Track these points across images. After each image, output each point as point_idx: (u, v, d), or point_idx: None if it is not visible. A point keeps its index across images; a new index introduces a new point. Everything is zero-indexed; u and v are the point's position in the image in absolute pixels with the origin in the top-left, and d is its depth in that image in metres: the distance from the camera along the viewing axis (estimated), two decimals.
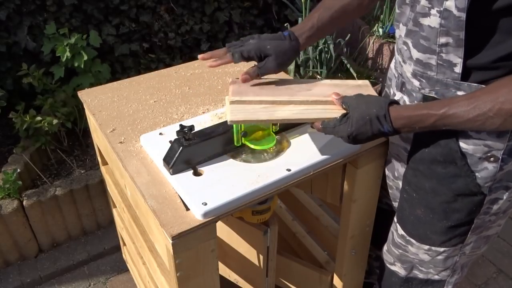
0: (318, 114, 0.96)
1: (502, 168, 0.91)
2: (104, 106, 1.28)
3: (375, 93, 1.02)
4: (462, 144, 0.91)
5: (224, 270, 1.43)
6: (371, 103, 0.89)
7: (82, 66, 2.06)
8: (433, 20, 0.85)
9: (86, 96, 1.33)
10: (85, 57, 2.07)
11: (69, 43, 2.03)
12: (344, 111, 0.93)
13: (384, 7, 2.85)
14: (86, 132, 2.18)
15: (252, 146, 1.02)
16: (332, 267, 1.45)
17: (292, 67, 2.61)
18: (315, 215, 1.52)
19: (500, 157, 0.90)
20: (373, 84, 2.74)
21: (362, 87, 1.06)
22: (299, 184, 1.03)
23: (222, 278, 1.19)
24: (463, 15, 0.80)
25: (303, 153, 1.04)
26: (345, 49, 2.83)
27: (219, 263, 1.23)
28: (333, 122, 0.92)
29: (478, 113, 0.80)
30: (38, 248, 1.97)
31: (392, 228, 1.16)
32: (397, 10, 0.97)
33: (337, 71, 2.78)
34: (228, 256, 1.39)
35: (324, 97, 0.98)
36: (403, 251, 1.12)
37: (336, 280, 1.38)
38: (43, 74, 2.07)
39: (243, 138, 1.03)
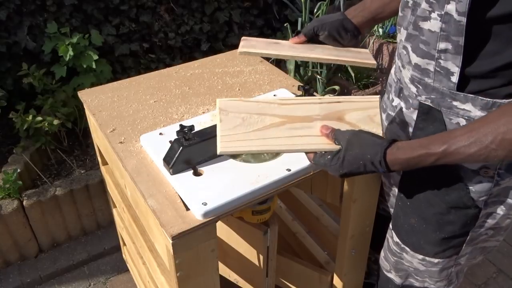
0: (310, 146, 0.89)
1: (498, 184, 0.90)
2: (104, 106, 1.28)
3: (373, 62, 1.05)
4: None
5: (224, 270, 1.43)
6: (366, 147, 0.84)
7: (94, 66, 2.06)
8: (433, 24, 0.84)
9: (86, 96, 1.33)
10: (96, 57, 2.07)
11: (71, 42, 2.03)
12: (336, 147, 0.88)
13: None
14: (86, 132, 2.18)
15: None
16: (332, 267, 1.45)
17: (292, 67, 2.61)
18: (315, 215, 1.52)
19: (496, 172, 0.88)
20: (373, 84, 2.74)
21: (362, 53, 1.10)
22: (299, 184, 1.03)
23: (222, 278, 1.19)
24: (464, 20, 0.79)
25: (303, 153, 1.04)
26: None
27: (219, 263, 1.23)
28: (323, 159, 0.88)
29: (479, 147, 0.75)
30: (38, 248, 1.97)
31: (388, 235, 1.16)
32: (399, 14, 0.97)
33: (337, 71, 2.79)
34: (228, 256, 1.39)
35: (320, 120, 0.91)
36: (399, 258, 1.12)
37: (336, 280, 1.38)
38: (43, 74, 2.07)
39: None
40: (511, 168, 0.88)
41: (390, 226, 1.13)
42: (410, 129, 0.98)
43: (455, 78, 0.85)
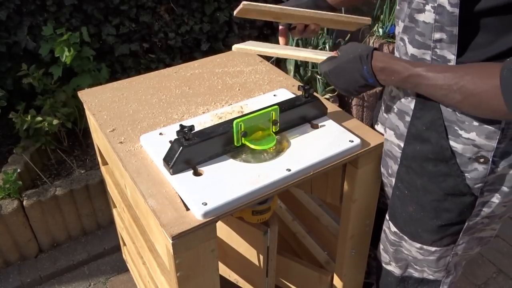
0: (312, 55, 1.08)
1: (494, 171, 0.91)
2: (104, 106, 1.28)
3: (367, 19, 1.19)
4: (452, 142, 0.92)
5: (224, 270, 1.43)
6: (360, 46, 0.99)
7: (90, 66, 2.06)
8: (427, 16, 0.87)
9: (86, 96, 1.33)
10: (91, 52, 2.07)
11: (61, 40, 2.02)
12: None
13: (384, 7, 2.85)
14: (86, 132, 2.18)
15: (252, 146, 1.02)
16: (332, 267, 1.45)
17: (292, 67, 2.61)
18: (315, 215, 1.52)
19: (491, 159, 0.89)
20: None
21: None
22: (299, 184, 1.03)
23: (222, 278, 1.19)
24: (456, 10, 0.81)
25: (303, 153, 1.04)
26: None
27: (219, 263, 1.23)
28: (323, 62, 1.04)
29: (445, 82, 0.83)
30: (38, 248, 1.97)
31: (384, 226, 1.16)
32: (397, 7, 1.00)
33: None
34: (228, 256, 1.39)
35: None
36: (398, 246, 1.13)
37: (336, 280, 1.38)
38: (43, 74, 2.07)
39: (243, 138, 1.03)
40: (505, 155, 0.89)
41: (387, 217, 1.14)
42: (408, 118, 1.00)
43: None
